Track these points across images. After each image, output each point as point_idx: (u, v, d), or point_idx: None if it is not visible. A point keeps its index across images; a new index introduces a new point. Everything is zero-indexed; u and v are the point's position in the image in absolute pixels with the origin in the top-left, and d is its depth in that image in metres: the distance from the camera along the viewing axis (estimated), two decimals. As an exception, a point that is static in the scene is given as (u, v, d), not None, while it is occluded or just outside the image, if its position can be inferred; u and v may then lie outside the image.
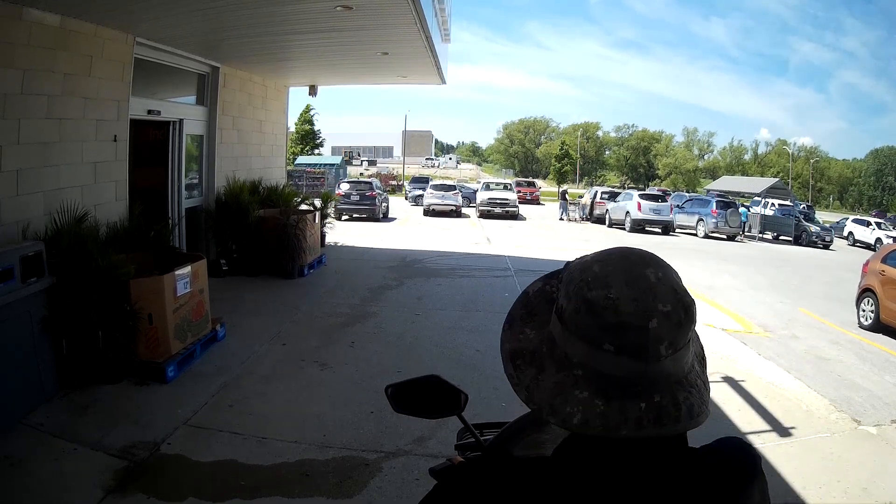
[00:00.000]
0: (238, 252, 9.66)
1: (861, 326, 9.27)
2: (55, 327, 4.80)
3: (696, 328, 0.90)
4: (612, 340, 0.83)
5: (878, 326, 8.94)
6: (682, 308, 0.84)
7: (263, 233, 9.64)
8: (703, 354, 0.96)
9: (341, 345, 6.53)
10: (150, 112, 7.97)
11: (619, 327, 0.82)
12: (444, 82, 11.88)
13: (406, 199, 36.47)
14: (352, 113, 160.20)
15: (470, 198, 31.03)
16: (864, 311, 9.40)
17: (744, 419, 5.11)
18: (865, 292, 9.46)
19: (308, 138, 56.73)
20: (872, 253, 11.51)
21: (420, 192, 31.96)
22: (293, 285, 9.34)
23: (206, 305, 6.07)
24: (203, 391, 5.09)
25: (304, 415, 4.73)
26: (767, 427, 5.00)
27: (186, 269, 5.69)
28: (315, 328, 7.10)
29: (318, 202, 12.16)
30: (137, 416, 4.56)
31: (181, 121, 8.76)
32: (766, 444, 4.66)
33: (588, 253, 0.94)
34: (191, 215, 9.18)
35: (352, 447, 4.22)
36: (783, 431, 4.94)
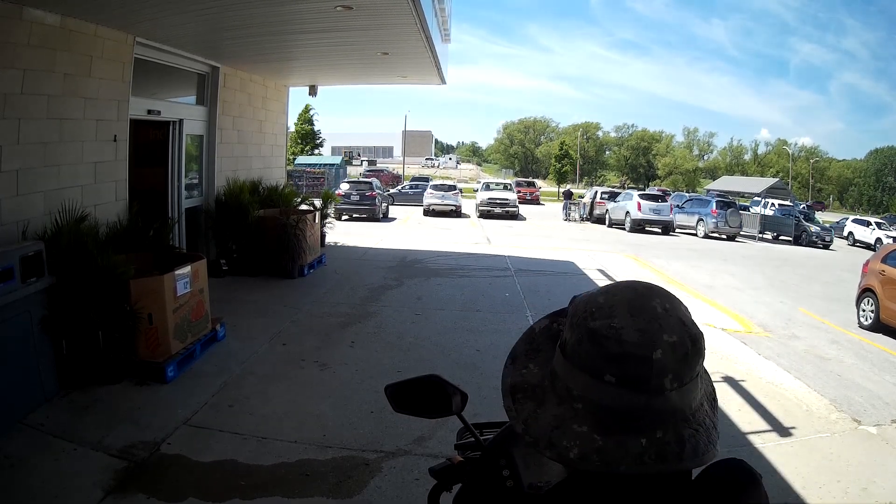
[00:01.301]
0: (238, 252, 9.66)
1: (861, 326, 9.26)
2: (55, 327, 4.80)
3: (704, 365, 0.89)
4: (613, 371, 0.81)
5: (878, 326, 8.94)
6: (689, 339, 0.82)
7: (263, 233, 9.64)
8: (714, 395, 0.94)
9: (341, 345, 6.53)
10: (150, 112, 7.97)
11: (622, 357, 0.80)
12: (444, 82, 11.88)
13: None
14: (352, 113, 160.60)
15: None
16: (864, 310, 9.40)
17: (744, 419, 5.10)
18: (865, 292, 9.45)
19: (308, 138, 56.71)
20: (872, 253, 11.48)
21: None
22: (293, 285, 9.34)
23: (206, 305, 6.07)
24: (203, 391, 5.09)
25: (304, 415, 4.73)
26: (767, 427, 5.00)
27: (186, 269, 5.69)
28: (315, 328, 7.10)
29: (317, 202, 12.16)
30: (137, 416, 4.56)
31: (181, 121, 8.76)
32: (767, 444, 4.66)
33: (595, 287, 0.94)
34: (191, 215, 9.18)
35: (351, 447, 4.22)
36: (783, 431, 4.94)
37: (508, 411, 0.93)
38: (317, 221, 10.93)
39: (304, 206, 11.47)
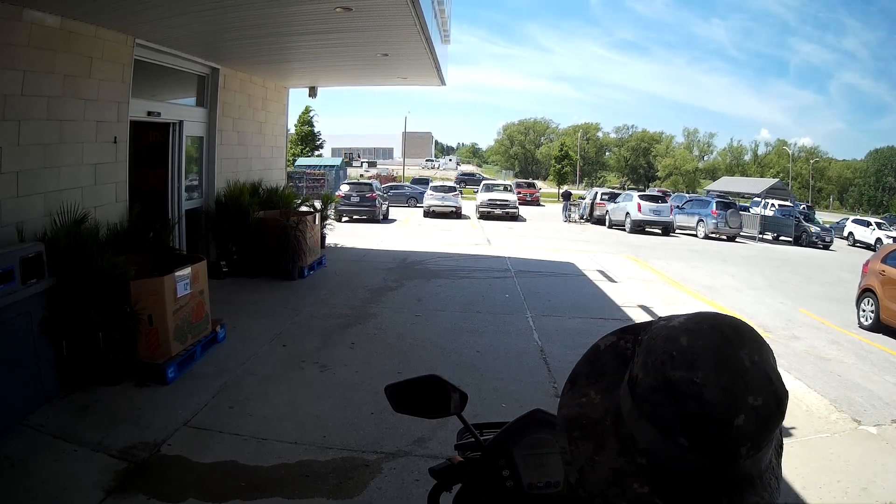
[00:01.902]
0: (238, 254, 9.67)
1: (861, 326, 9.27)
2: (55, 328, 4.81)
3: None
4: (688, 434, 0.72)
5: (878, 326, 8.94)
6: (774, 402, 0.73)
7: (264, 234, 9.65)
8: (782, 444, 0.86)
9: (341, 346, 6.53)
10: (150, 113, 7.97)
11: (700, 420, 0.71)
12: (443, 83, 11.89)
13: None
14: (352, 114, 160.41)
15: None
16: (864, 311, 9.40)
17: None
18: (865, 292, 9.45)
19: (308, 140, 56.74)
20: (872, 253, 11.48)
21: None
22: (293, 287, 9.35)
23: (207, 307, 6.08)
24: (203, 392, 5.09)
25: (304, 416, 4.73)
26: (767, 427, 4.99)
27: (186, 271, 5.70)
28: (315, 329, 7.11)
29: (318, 204, 12.17)
30: (138, 417, 4.57)
31: (181, 122, 8.76)
32: (767, 445, 4.65)
33: (675, 314, 0.82)
34: (191, 217, 9.19)
35: (352, 448, 4.22)
36: (783, 431, 4.92)
37: (562, 453, 0.83)
38: (317, 223, 10.94)
39: (304, 208, 11.48)
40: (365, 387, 5.27)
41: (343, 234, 16.11)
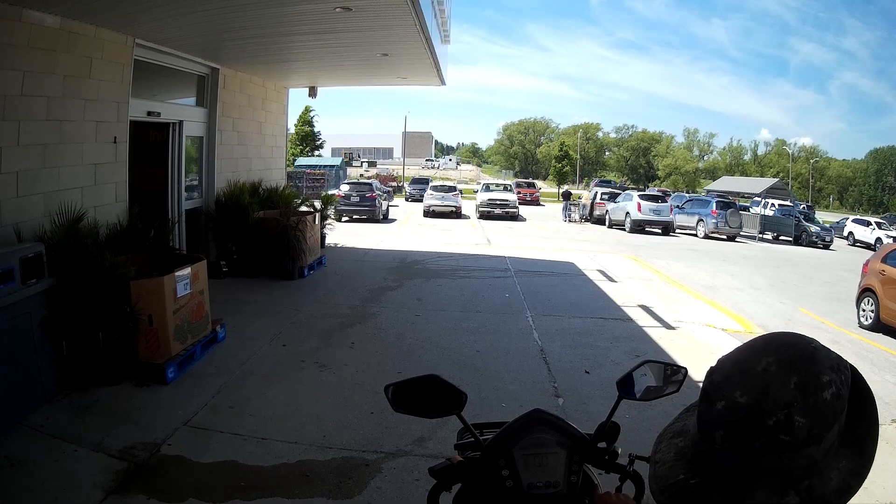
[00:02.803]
0: (238, 253, 9.67)
1: (861, 326, 9.25)
2: (55, 328, 4.80)
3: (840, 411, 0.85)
4: (699, 403, 0.91)
5: (878, 326, 8.92)
6: (754, 410, 0.81)
7: (263, 234, 9.66)
8: (859, 451, 0.87)
9: (341, 346, 6.53)
10: (149, 113, 7.97)
11: (702, 393, 0.89)
12: (443, 83, 11.88)
13: (406, 199, 36.62)
14: (352, 114, 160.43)
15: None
16: (864, 310, 9.39)
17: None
18: (865, 292, 9.44)
19: (308, 139, 56.75)
20: (872, 253, 11.47)
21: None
22: (293, 287, 9.35)
23: (206, 307, 6.08)
24: (203, 392, 5.09)
25: (304, 415, 4.73)
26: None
27: (186, 271, 5.69)
28: (315, 329, 7.11)
29: (317, 203, 12.16)
30: (137, 417, 4.56)
31: (181, 122, 8.76)
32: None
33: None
34: (191, 217, 9.19)
35: (351, 448, 4.22)
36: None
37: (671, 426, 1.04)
38: (317, 223, 10.94)
39: (303, 208, 11.48)
40: (365, 387, 5.27)
41: (343, 234, 16.09)
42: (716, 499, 0.84)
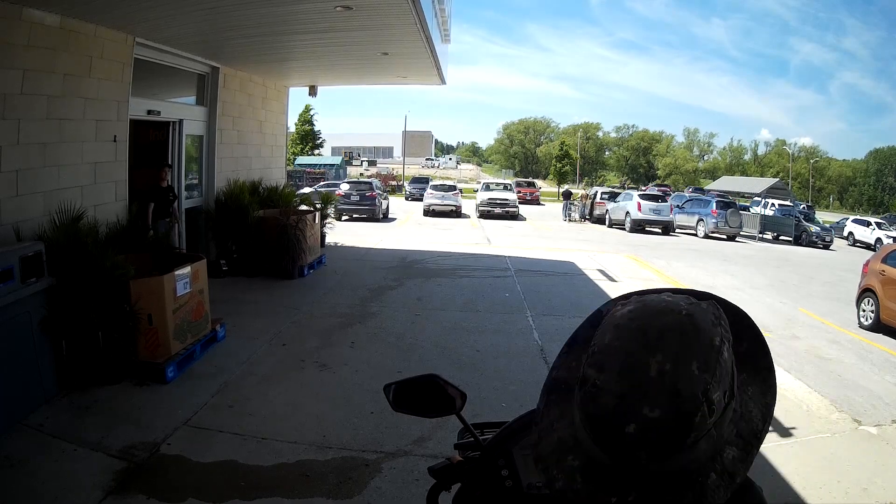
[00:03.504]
0: (238, 252, 9.67)
1: (861, 326, 9.24)
2: (55, 328, 4.79)
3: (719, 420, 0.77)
4: (589, 429, 0.76)
5: (879, 326, 8.92)
6: (673, 415, 0.72)
7: (263, 233, 9.65)
8: (750, 444, 0.80)
9: (341, 345, 6.53)
10: (149, 112, 7.97)
11: (596, 421, 0.75)
12: (443, 83, 11.87)
13: (406, 199, 36.63)
14: (352, 113, 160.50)
15: None
16: (864, 311, 9.38)
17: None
18: (866, 292, 9.43)
19: (308, 139, 56.76)
20: (873, 253, 11.46)
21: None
22: (293, 286, 9.34)
23: (206, 306, 6.07)
24: (203, 392, 5.08)
25: (304, 415, 4.73)
26: (768, 427, 4.98)
27: (186, 270, 5.69)
28: (315, 329, 7.10)
29: (317, 202, 12.15)
30: (137, 417, 4.56)
31: (181, 121, 8.76)
32: (767, 445, 4.63)
33: (644, 291, 0.88)
34: (191, 216, 9.19)
35: (351, 447, 4.22)
36: (784, 432, 4.93)
37: (537, 411, 0.88)
38: (316, 222, 10.94)
39: (303, 207, 11.47)
40: (365, 386, 5.27)
41: (343, 233, 16.10)
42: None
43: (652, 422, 0.71)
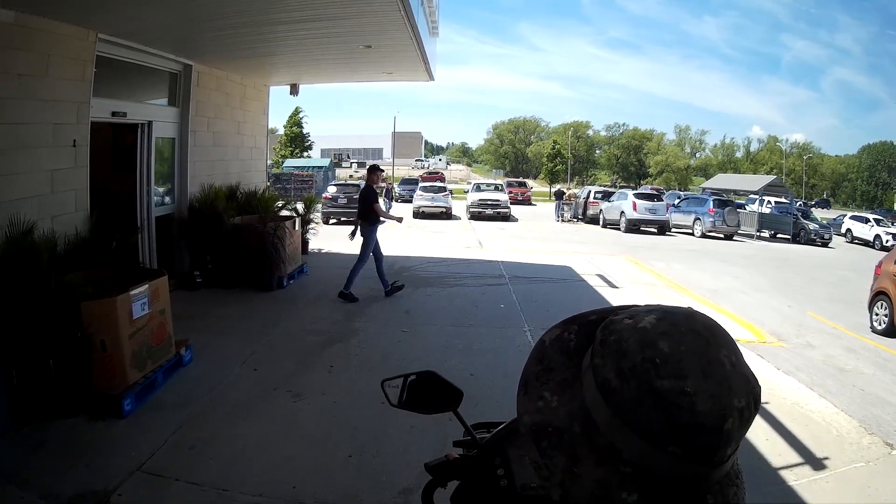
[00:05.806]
0: (213, 263, 9.04)
1: (874, 331, 8.87)
2: (2, 355, 4.31)
3: None
4: (681, 443, 0.68)
5: (893, 331, 8.55)
6: (753, 402, 0.71)
7: (240, 241, 9.04)
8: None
9: (319, 369, 5.91)
10: (114, 114, 7.44)
11: (693, 429, 0.67)
12: (432, 79, 11.37)
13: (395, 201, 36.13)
14: (341, 115, 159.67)
15: None
16: (877, 314, 8.98)
17: (774, 451, 4.56)
18: (879, 295, 9.03)
19: (297, 141, 56.52)
20: (885, 254, 11.03)
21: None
22: (271, 299, 8.74)
23: (169, 327, 5.47)
24: (163, 428, 4.50)
25: (272, 458, 4.12)
26: (800, 459, 4.47)
27: (143, 288, 5.07)
28: (291, 349, 6.47)
29: (300, 206, 11.59)
30: (91, 458, 4.04)
31: (150, 123, 8.20)
32: (801, 481, 4.15)
33: (638, 305, 0.79)
34: (162, 224, 8.60)
35: (326, 501, 3.63)
36: (816, 463, 4.42)
37: (537, 468, 0.82)
38: (297, 228, 10.33)
39: (285, 212, 10.89)
40: (343, 420, 4.68)
41: (328, 238, 15.45)
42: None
43: (741, 412, 0.70)
